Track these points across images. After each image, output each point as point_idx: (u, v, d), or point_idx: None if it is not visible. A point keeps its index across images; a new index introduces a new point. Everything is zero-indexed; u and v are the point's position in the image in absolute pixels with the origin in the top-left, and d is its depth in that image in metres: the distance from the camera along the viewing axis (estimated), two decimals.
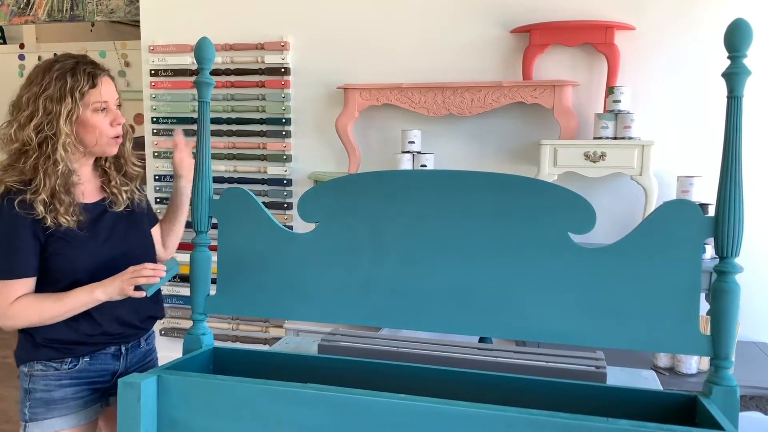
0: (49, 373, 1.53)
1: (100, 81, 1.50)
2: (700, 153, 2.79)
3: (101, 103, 1.50)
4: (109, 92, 1.52)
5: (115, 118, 1.53)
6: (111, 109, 1.52)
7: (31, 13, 5.40)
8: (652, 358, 2.55)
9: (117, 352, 1.61)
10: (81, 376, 1.55)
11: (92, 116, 1.49)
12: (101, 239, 1.55)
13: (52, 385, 1.52)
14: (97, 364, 1.57)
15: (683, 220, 1.31)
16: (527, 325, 1.40)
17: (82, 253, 1.50)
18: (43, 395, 1.52)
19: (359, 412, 1.21)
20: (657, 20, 2.82)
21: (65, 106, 1.44)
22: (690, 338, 1.30)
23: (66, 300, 1.45)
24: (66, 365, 1.53)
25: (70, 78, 1.46)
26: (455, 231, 1.45)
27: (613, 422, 1.12)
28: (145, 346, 1.71)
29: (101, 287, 1.46)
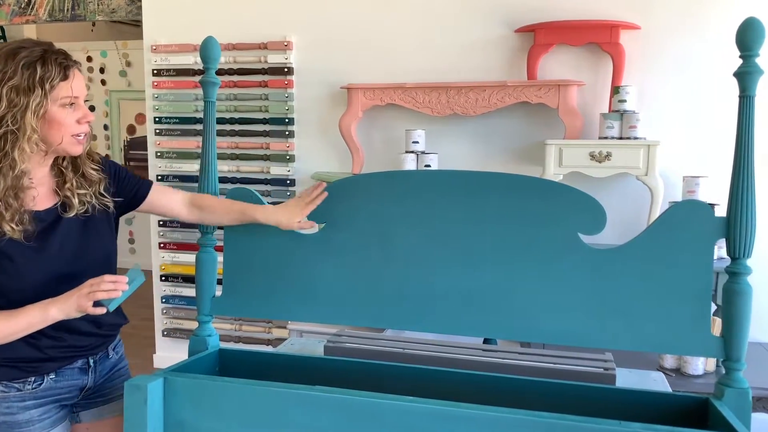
0: (11, 395, 1.38)
1: (72, 73, 1.32)
2: (706, 153, 2.77)
3: (71, 98, 1.32)
4: (79, 87, 1.34)
5: (84, 116, 1.35)
6: (80, 105, 1.35)
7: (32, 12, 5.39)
8: (658, 359, 2.53)
9: (84, 365, 1.46)
10: (47, 395, 1.41)
11: (59, 112, 1.31)
12: (54, 250, 1.36)
13: (15, 408, 1.38)
14: (64, 381, 1.43)
15: (694, 220, 1.30)
16: (536, 327, 1.39)
17: (32, 268, 1.33)
18: (6, 419, 1.38)
19: (368, 414, 1.19)
20: (663, 20, 2.80)
21: (33, 99, 1.27)
22: (701, 340, 1.29)
23: (17, 319, 1.29)
24: (29, 385, 1.38)
25: (40, 67, 1.28)
26: (463, 232, 1.44)
27: (625, 425, 1.11)
28: (114, 356, 1.55)
29: (57, 304, 1.29)
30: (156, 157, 3.54)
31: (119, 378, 1.55)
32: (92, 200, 1.42)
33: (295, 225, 1.52)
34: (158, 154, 3.54)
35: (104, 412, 1.53)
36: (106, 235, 1.47)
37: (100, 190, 1.44)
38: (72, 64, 1.33)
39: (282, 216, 1.52)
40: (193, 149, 3.48)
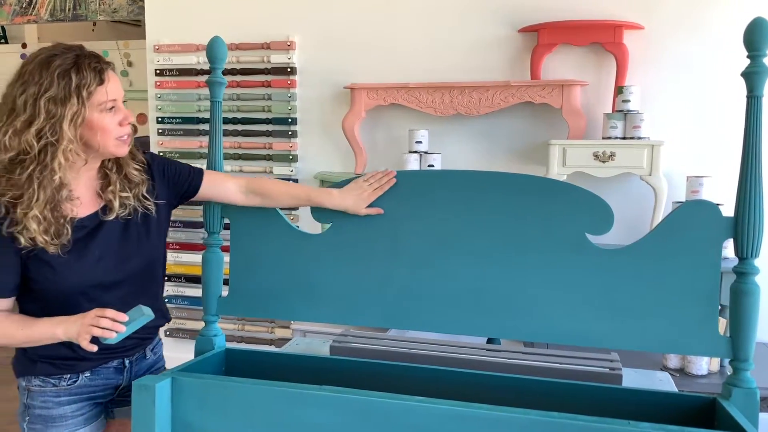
0: (47, 389, 1.41)
1: (107, 76, 1.31)
2: (710, 153, 2.77)
3: (109, 101, 1.31)
4: (115, 88, 1.33)
5: (125, 117, 1.34)
6: (119, 107, 1.34)
7: (34, 12, 5.38)
8: (662, 360, 2.53)
9: (120, 365, 1.48)
10: (81, 392, 1.44)
11: (100, 117, 1.30)
12: (94, 258, 1.36)
13: (51, 403, 1.42)
14: (99, 380, 1.45)
15: (702, 220, 1.30)
16: (544, 327, 1.39)
17: (69, 275, 1.33)
18: (42, 412, 1.42)
19: (377, 413, 1.19)
20: (666, 19, 2.80)
21: (70, 108, 1.26)
22: (709, 340, 1.29)
23: (30, 330, 1.31)
24: (65, 381, 1.42)
25: (75, 75, 1.26)
26: (470, 232, 1.44)
27: (634, 425, 1.11)
28: (151, 357, 1.57)
29: (64, 325, 1.29)
30: None
31: None
32: (133, 203, 1.41)
33: (363, 211, 1.50)
34: (161, 153, 3.53)
35: None
36: (149, 239, 1.45)
37: (142, 192, 1.42)
38: (105, 66, 1.32)
39: (350, 201, 1.50)
40: (195, 149, 3.48)
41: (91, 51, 1.33)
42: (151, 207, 1.43)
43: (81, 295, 1.34)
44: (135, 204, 1.41)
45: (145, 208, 1.42)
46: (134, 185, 1.41)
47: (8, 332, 1.31)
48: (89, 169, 1.38)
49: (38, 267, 1.31)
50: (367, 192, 1.50)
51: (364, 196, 1.49)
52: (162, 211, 1.47)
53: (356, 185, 1.51)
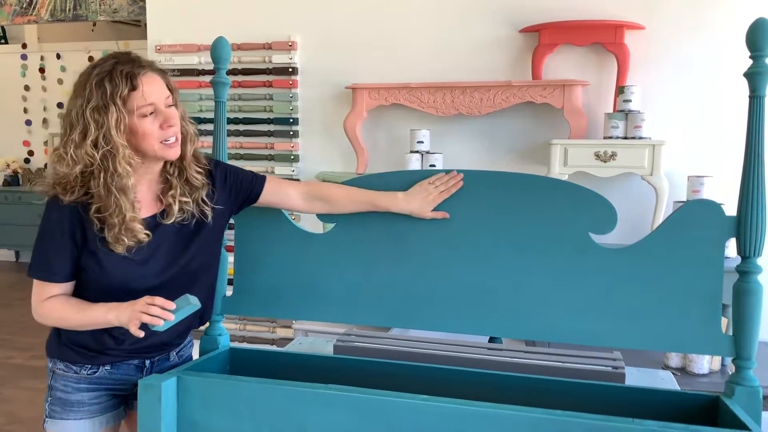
0: (69, 375, 1.45)
1: (140, 81, 1.30)
2: (711, 153, 2.78)
3: (147, 106, 1.30)
4: (153, 91, 1.31)
5: (166, 120, 1.32)
6: (160, 110, 1.32)
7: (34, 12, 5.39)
8: (663, 359, 2.54)
9: (141, 364, 1.49)
10: (100, 383, 1.46)
11: (140, 122, 1.30)
12: (142, 260, 1.38)
13: (71, 387, 1.45)
14: (118, 374, 1.47)
15: (705, 220, 1.31)
16: (548, 325, 1.40)
17: (117, 274, 1.36)
18: (62, 395, 1.46)
19: (383, 412, 1.20)
20: (667, 20, 2.81)
21: (111, 115, 1.28)
22: (712, 338, 1.30)
23: (85, 314, 1.35)
24: (86, 370, 1.45)
25: (109, 83, 1.28)
26: (474, 231, 1.45)
27: (638, 423, 1.11)
28: (175, 360, 1.54)
29: (116, 311, 1.32)
30: None
31: None
32: (192, 208, 1.41)
33: (429, 214, 1.48)
34: None
35: None
36: (200, 245, 1.44)
37: (202, 197, 1.42)
38: (140, 70, 1.31)
39: (415, 205, 1.48)
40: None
41: (131, 56, 1.33)
42: (208, 212, 1.43)
43: (124, 293, 1.35)
44: (193, 209, 1.41)
45: (202, 212, 1.42)
46: (194, 189, 1.41)
47: (64, 315, 1.36)
48: (149, 172, 1.39)
49: (88, 259, 1.35)
50: (433, 195, 1.47)
51: (429, 200, 1.47)
52: (218, 217, 1.46)
53: (421, 188, 1.49)
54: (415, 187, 1.49)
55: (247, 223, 1.59)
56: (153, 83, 1.32)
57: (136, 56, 1.34)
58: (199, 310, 1.42)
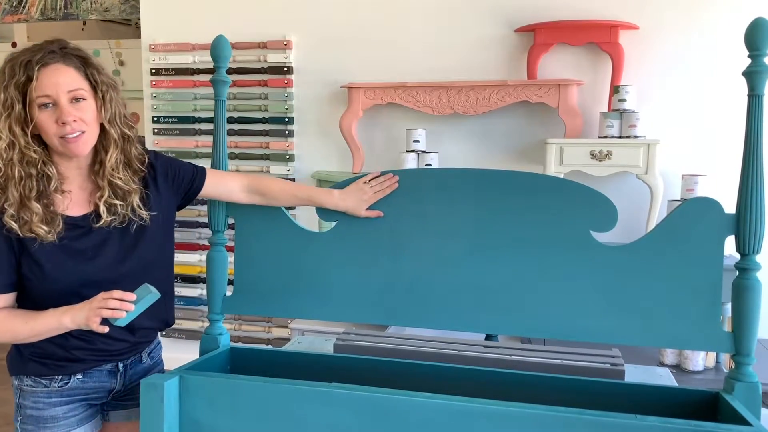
0: (38, 390, 1.38)
1: (37, 72, 1.23)
2: (705, 151, 2.81)
3: (42, 98, 1.24)
4: (51, 84, 1.24)
5: (60, 116, 1.25)
6: (59, 104, 1.25)
7: (24, 11, 5.34)
8: (659, 356, 2.56)
9: (114, 368, 1.44)
10: (73, 394, 1.40)
11: (40, 115, 1.25)
12: (87, 257, 1.33)
13: (42, 403, 1.38)
14: (91, 382, 1.41)
15: (705, 217, 1.32)
16: (548, 323, 1.41)
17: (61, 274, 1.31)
18: (33, 413, 1.39)
19: (388, 410, 1.20)
20: (660, 19, 2.84)
21: (11, 106, 1.24)
22: (712, 335, 1.31)
23: (34, 323, 1.29)
24: (56, 383, 1.38)
25: (9, 73, 1.25)
26: (474, 230, 1.46)
27: (641, 419, 1.12)
28: (148, 361, 1.53)
29: (71, 313, 1.27)
30: None
31: None
32: (126, 211, 1.36)
33: (363, 213, 1.50)
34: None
35: (133, 415, 1.50)
36: (146, 241, 1.40)
37: (136, 202, 1.37)
38: (44, 61, 1.25)
39: (350, 203, 1.50)
40: (191, 149, 3.47)
41: (50, 46, 1.28)
42: (145, 216, 1.38)
43: (74, 296, 1.30)
44: (128, 212, 1.36)
45: (140, 217, 1.38)
46: (125, 193, 1.36)
47: (11, 327, 1.29)
48: (79, 167, 1.35)
49: (31, 265, 1.30)
50: (368, 194, 1.49)
51: (365, 198, 1.49)
52: (163, 214, 1.43)
53: (357, 187, 1.51)
54: (352, 185, 1.51)
55: (247, 221, 1.59)
56: (55, 75, 1.25)
57: (56, 46, 1.28)
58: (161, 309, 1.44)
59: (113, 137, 1.34)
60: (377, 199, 1.49)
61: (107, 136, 1.34)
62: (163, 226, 1.45)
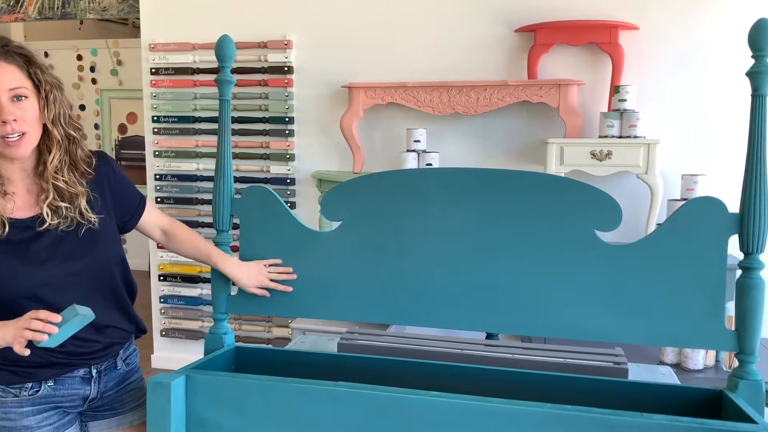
0: (8, 400, 1.33)
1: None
2: (704, 151, 2.82)
3: None
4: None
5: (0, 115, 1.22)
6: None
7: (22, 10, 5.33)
8: (659, 355, 2.57)
9: (87, 374, 1.39)
10: (45, 402, 1.35)
11: None
12: (40, 259, 1.29)
13: (13, 414, 1.33)
14: (64, 389, 1.37)
15: (709, 217, 1.33)
16: (552, 322, 1.41)
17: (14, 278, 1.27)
18: (6, 424, 1.33)
19: (395, 409, 1.21)
20: (660, 20, 2.85)
21: None
22: (715, 334, 1.32)
23: None
24: (26, 391, 1.33)
25: None
26: (479, 229, 1.46)
27: (648, 416, 1.13)
28: (123, 368, 1.47)
29: (2, 330, 1.21)
30: (154, 156, 3.53)
31: (130, 391, 1.49)
32: (73, 213, 1.32)
33: (250, 289, 1.53)
34: (156, 153, 3.52)
35: (113, 424, 1.48)
36: (98, 241, 1.36)
37: (83, 205, 1.33)
38: None
39: (242, 276, 1.52)
40: (191, 148, 3.47)
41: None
42: (93, 219, 1.34)
43: (29, 300, 1.27)
44: (75, 215, 1.32)
45: (88, 220, 1.34)
46: (71, 195, 1.32)
47: None
48: (23, 169, 1.32)
49: None
50: (262, 278, 1.51)
51: (257, 279, 1.52)
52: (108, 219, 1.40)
53: (257, 266, 1.52)
54: (254, 262, 1.53)
55: (252, 221, 1.59)
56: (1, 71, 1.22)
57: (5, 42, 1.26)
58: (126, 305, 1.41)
59: (56, 138, 1.31)
60: (267, 286, 1.52)
61: (50, 136, 1.30)
62: (110, 231, 1.41)
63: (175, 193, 3.53)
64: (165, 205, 3.52)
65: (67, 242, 1.33)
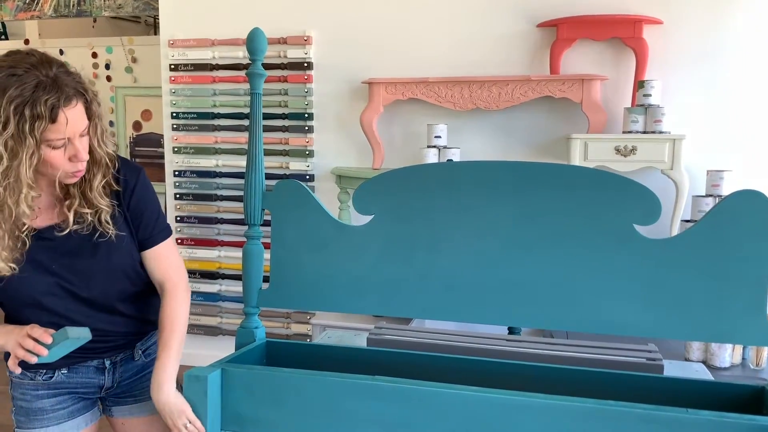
0: (25, 382, 1.38)
1: (62, 114, 1.18)
2: (730, 147, 2.79)
3: (61, 140, 1.20)
4: (73, 125, 1.21)
5: (75, 154, 1.23)
6: (73, 143, 1.22)
7: (37, 8, 5.36)
8: (684, 352, 2.55)
9: (100, 365, 1.41)
10: (60, 387, 1.39)
11: (50, 153, 1.21)
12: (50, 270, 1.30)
13: (29, 395, 1.39)
14: (77, 378, 1.40)
15: (751, 210, 1.30)
16: (590, 317, 1.40)
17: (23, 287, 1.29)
18: (23, 404, 1.39)
19: (435, 404, 1.20)
20: (685, 14, 2.82)
21: (27, 150, 1.16)
22: (758, 329, 1.30)
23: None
24: (41, 376, 1.38)
25: (29, 111, 1.14)
26: (514, 223, 1.44)
27: (694, 413, 1.11)
28: (142, 359, 1.47)
29: (5, 337, 1.24)
30: (173, 153, 3.53)
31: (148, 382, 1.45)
32: (93, 220, 1.32)
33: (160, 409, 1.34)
34: (175, 149, 3.52)
35: (134, 411, 1.50)
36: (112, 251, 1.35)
37: (105, 217, 1.33)
38: (61, 104, 1.18)
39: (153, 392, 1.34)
40: (210, 144, 3.47)
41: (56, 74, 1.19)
42: (110, 231, 1.33)
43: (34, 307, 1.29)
44: (94, 221, 1.32)
45: (105, 231, 1.33)
46: (95, 207, 1.32)
47: None
48: (50, 184, 1.30)
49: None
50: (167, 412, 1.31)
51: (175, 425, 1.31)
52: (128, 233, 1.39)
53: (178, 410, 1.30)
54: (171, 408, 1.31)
55: (283, 215, 1.58)
56: (74, 115, 1.21)
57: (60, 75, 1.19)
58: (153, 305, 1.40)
59: (97, 157, 1.31)
60: None
61: (93, 156, 1.30)
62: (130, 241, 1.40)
63: (194, 190, 3.53)
64: (184, 202, 3.53)
65: (80, 251, 1.33)
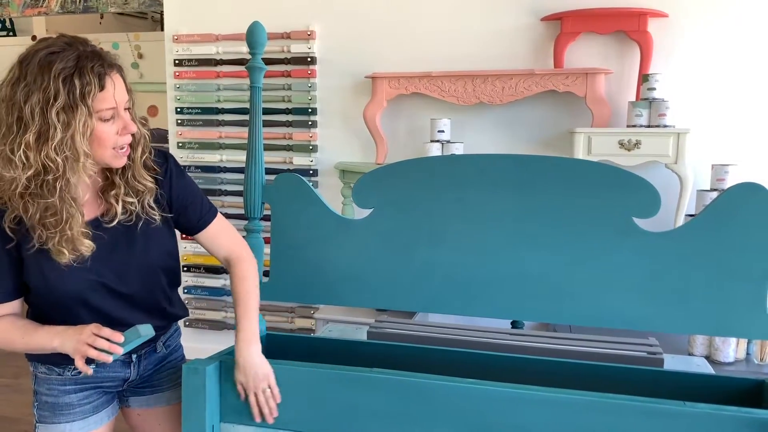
0: (52, 377, 1.39)
1: (109, 81, 1.17)
2: (735, 141, 2.77)
3: (109, 110, 1.18)
4: (119, 94, 1.19)
5: (125, 126, 1.21)
6: (119, 114, 1.21)
7: (44, 4, 5.38)
8: (688, 347, 2.54)
9: (127, 359, 1.41)
10: (87, 382, 1.40)
11: (99, 126, 1.18)
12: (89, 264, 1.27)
13: (57, 390, 1.39)
14: (104, 372, 1.40)
15: (751, 203, 1.30)
16: (590, 310, 1.39)
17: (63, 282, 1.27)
18: (48, 399, 1.39)
19: (435, 396, 1.20)
20: (690, 7, 2.79)
21: (80, 118, 1.14)
22: (759, 322, 1.29)
23: (29, 338, 1.27)
24: (69, 372, 1.38)
25: (78, 80, 1.13)
26: (515, 216, 1.44)
27: (691, 405, 1.11)
28: (163, 351, 1.48)
29: (61, 337, 1.24)
30: (178, 148, 3.54)
31: (169, 370, 1.50)
32: (137, 209, 1.31)
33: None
34: (180, 144, 3.53)
35: (152, 401, 1.51)
36: (151, 243, 1.34)
37: (149, 201, 1.32)
38: (106, 71, 1.17)
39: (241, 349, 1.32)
40: (215, 140, 3.48)
41: (92, 47, 1.19)
42: (156, 217, 1.33)
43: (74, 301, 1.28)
44: (138, 210, 1.31)
45: (150, 217, 1.33)
46: (139, 192, 1.31)
47: (9, 337, 1.28)
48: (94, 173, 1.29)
49: (30, 273, 1.27)
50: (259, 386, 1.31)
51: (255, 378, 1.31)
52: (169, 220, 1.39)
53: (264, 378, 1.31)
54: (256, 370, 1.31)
55: (283, 209, 1.59)
56: (120, 85, 1.20)
57: (98, 48, 1.20)
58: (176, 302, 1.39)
59: (144, 137, 1.30)
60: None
61: (134, 136, 1.29)
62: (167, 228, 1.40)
63: (199, 184, 3.53)
64: None
65: (119, 245, 1.32)
